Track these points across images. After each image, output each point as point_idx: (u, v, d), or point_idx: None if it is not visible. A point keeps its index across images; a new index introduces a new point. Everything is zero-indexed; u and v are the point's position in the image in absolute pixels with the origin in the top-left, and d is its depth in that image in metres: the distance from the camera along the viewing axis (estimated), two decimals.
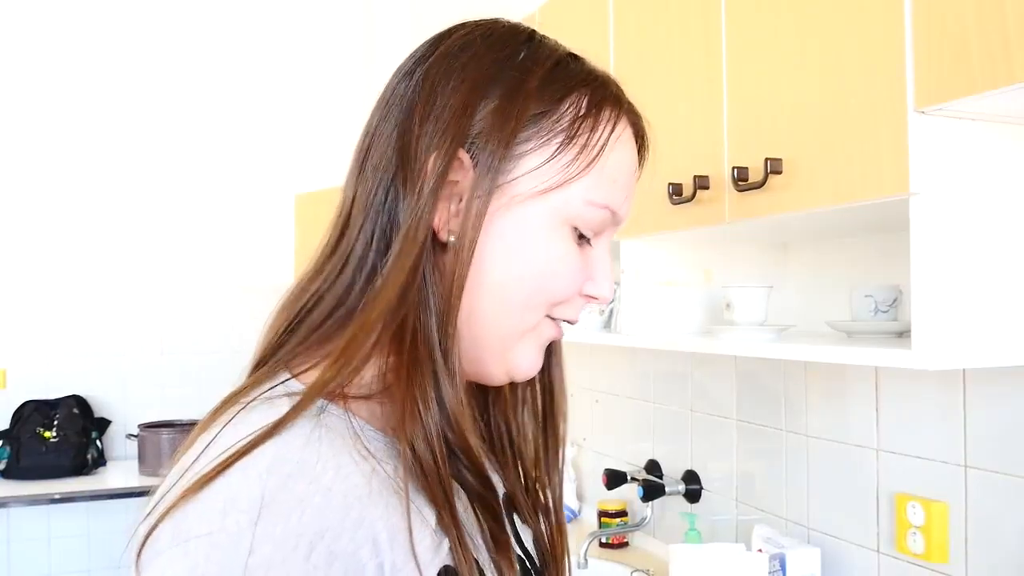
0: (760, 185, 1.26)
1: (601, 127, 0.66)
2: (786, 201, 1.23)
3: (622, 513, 2.28)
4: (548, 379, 0.77)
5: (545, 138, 0.64)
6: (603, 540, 2.25)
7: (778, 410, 1.77)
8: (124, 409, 3.43)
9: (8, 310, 3.33)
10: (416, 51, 0.69)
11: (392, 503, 0.56)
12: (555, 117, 0.64)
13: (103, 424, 3.33)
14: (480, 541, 0.62)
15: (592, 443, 2.53)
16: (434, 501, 0.58)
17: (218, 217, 3.60)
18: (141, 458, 3.17)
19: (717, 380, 1.96)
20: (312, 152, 3.65)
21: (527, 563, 0.72)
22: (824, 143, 1.16)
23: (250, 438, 0.54)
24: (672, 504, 2.12)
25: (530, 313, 0.66)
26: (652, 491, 2.04)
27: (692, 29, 1.47)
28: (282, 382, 0.61)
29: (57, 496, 2.93)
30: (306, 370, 0.62)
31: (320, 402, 0.58)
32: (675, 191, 1.46)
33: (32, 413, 3.17)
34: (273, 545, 0.50)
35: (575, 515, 2.53)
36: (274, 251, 3.60)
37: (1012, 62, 0.89)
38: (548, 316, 0.67)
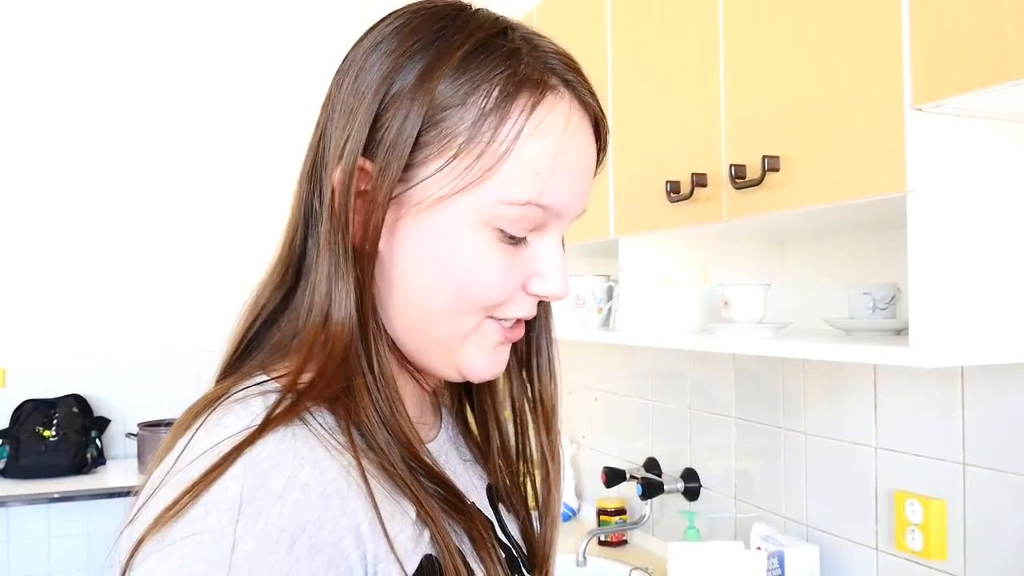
0: (758, 183, 1.25)
1: (511, 120, 0.61)
2: (783, 199, 1.23)
3: (621, 511, 2.28)
4: (536, 373, 0.76)
5: (445, 142, 0.60)
6: (602, 538, 2.25)
7: (776, 408, 1.77)
8: (123, 408, 3.43)
9: (7, 309, 3.33)
10: (350, 47, 0.68)
11: (367, 495, 0.56)
12: (458, 116, 0.60)
13: (102, 423, 3.33)
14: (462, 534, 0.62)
15: (591, 441, 2.53)
16: (407, 497, 0.58)
17: (217, 215, 3.60)
18: (141, 457, 3.17)
19: (715, 378, 1.96)
20: None
21: (514, 551, 0.71)
22: (821, 141, 1.16)
23: (227, 446, 0.54)
24: (671, 502, 2.12)
25: (462, 318, 0.64)
26: (651, 489, 2.04)
27: (689, 27, 1.47)
28: (258, 383, 0.61)
29: (56, 495, 2.92)
30: (282, 375, 0.62)
31: (287, 404, 0.58)
32: (673, 189, 1.46)
33: (31, 412, 3.17)
34: (255, 541, 0.51)
35: (574, 513, 2.53)
36: (273, 249, 3.59)
37: (1008, 59, 0.89)
38: (492, 317, 0.65)
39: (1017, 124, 1.07)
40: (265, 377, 0.62)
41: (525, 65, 0.62)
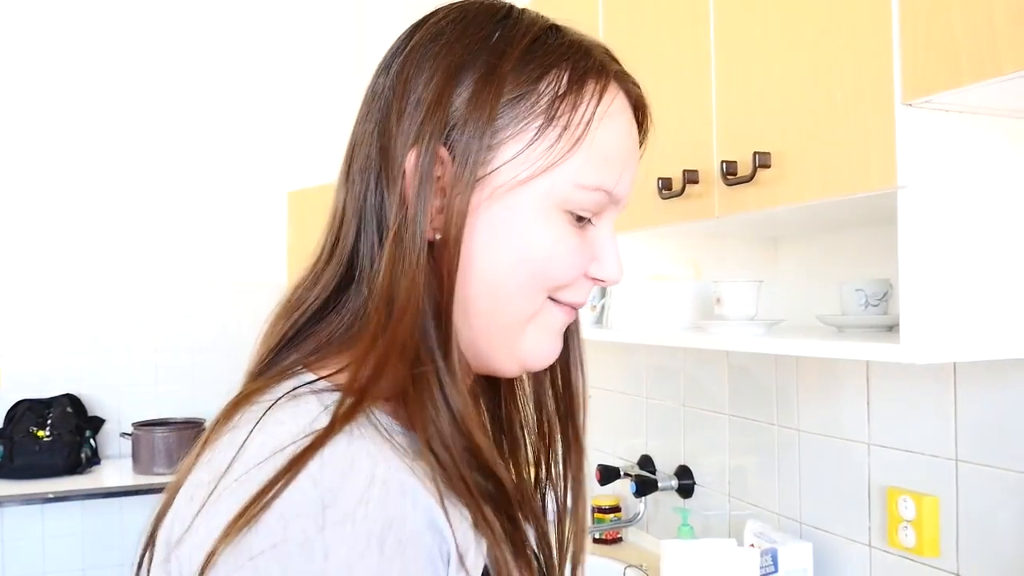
0: (749, 179, 1.25)
1: (584, 104, 0.63)
2: (775, 195, 1.23)
3: (615, 509, 2.28)
4: (564, 370, 0.75)
5: (523, 123, 0.61)
6: (597, 536, 2.25)
7: (770, 405, 1.77)
8: (118, 408, 3.42)
9: (1, 309, 3.32)
10: (395, 43, 0.67)
11: (435, 495, 0.55)
12: (532, 100, 0.62)
13: (97, 423, 3.32)
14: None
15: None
16: (464, 502, 0.57)
17: (211, 214, 3.59)
18: (135, 457, 3.16)
19: (709, 375, 1.96)
20: (304, 149, 3.65)
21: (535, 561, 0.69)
22: (812, 137, 1.16)
23: (294, 449, 0.52)
24: (665, 499, 2.12)
25: (529, 300, 0.64)
26: (645, 487, 2.04)
27: (681, 23, 1.46)
28: (308, 382, 0.59)
29: (51, 495, 2.92)
30: (332, 374, 0.60)
31: (350, 403, 0.57)
32: (664, 185, 1.46)
33: (25, 412, 3.16)
34: (347, 546, 0.49)
35: None
36: (267, 248, 3.59)
37: (998, 54, 0.89)
38: (552, 300, 0.65)
39: (1007, 119, 1.07)
40: (313, 376, 0.60)
41: (585, 55, 0.65)
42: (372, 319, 0.60)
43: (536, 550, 0.71)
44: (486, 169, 0.61)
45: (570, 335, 0.74)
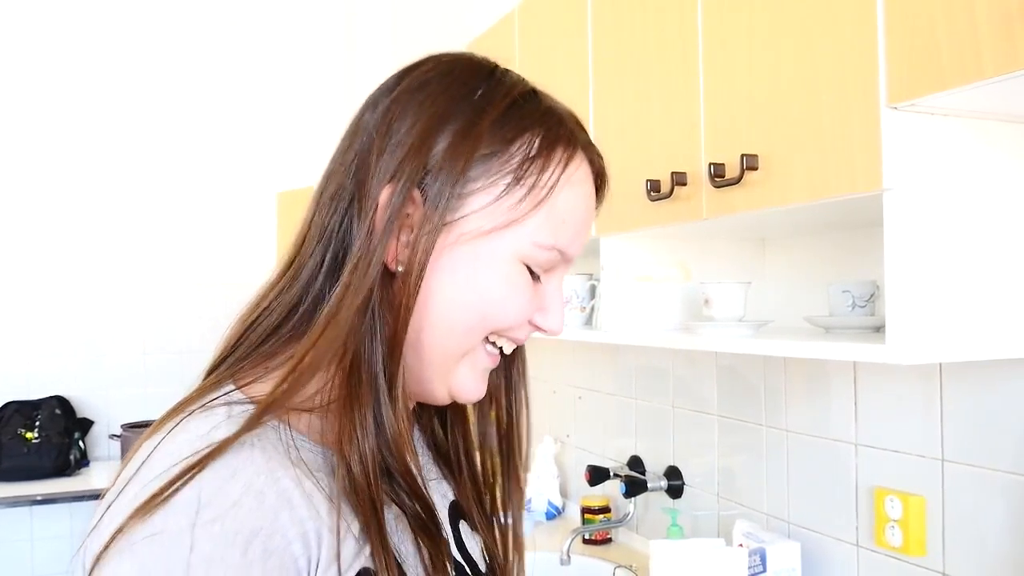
0: (737, 181, 1.26)
1: (551, 168, 0.67)
2: (762, 197, 1.24)
3: (605, 509, 2.28)
4: (508, 410, 0.80)
5: (493, 179, 0.66)
6: (586, 536, 2.25)
7: (758, 405, 1.77)
8: (107, 409, 3.41)
9: None
10: (384, 83, 0.72)
11: (319, 506, 0.59)
12: (504, 158, 0.66)
13: (86, 424, 3.31)
14: (413, 549, 0.65)
15: (575, 439, 2.53)
16: (361, 513, 0.61)
17: (200, 215, 3.59)
18: (124, 458, 3.15)
19: (698, 376, 1.97)
20: (294, 150, 3.65)
21: (467, 568, 0.74)
22: (798, 139, 1.17)
23: (193, 458, 0.57)
24: (655, 500, 2.12)
25: (470, 339, 0.68)
26: (635, 487, 2.05)
27: (669, 27, 1.47)
28: (224, 393, 0.64)
29: (39, 497, 2.92)
30: (249, 383, 0.65)
31: (253, 415, 0.61)
32: (653, 187, 1.47)
33: (14, 414, 3.15)
34: (212, 542, 0.54)
35: (559, 512, 2.54)
36: (256, 249, 3.59)
37: (981, 58, 0.90)
38: (489, 341, 0.71)
39: (991, 122, 1.08)
40: (232, 387, 0.65)
41: (557, 123, 0.70)
42: (310, 335, 0.64)
43: (476, 557, 0.76)
44: (454, 216, 0.65)
45: (516, 377, 0.80)
